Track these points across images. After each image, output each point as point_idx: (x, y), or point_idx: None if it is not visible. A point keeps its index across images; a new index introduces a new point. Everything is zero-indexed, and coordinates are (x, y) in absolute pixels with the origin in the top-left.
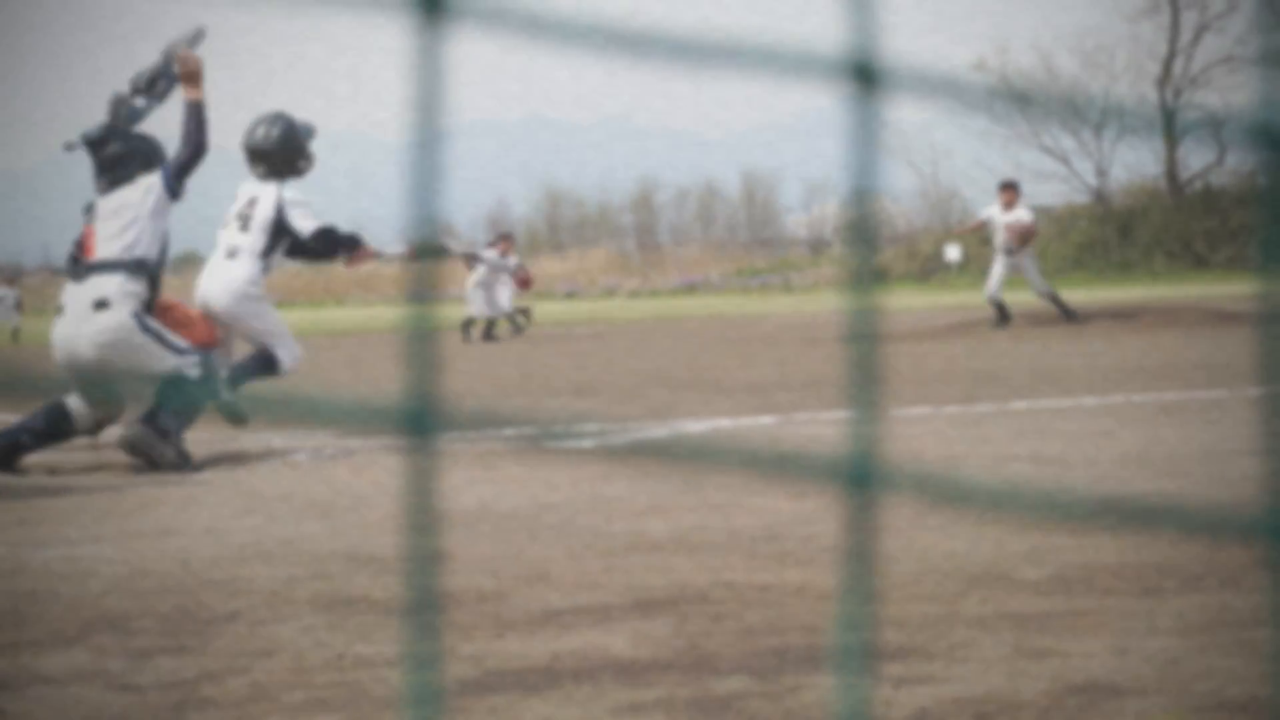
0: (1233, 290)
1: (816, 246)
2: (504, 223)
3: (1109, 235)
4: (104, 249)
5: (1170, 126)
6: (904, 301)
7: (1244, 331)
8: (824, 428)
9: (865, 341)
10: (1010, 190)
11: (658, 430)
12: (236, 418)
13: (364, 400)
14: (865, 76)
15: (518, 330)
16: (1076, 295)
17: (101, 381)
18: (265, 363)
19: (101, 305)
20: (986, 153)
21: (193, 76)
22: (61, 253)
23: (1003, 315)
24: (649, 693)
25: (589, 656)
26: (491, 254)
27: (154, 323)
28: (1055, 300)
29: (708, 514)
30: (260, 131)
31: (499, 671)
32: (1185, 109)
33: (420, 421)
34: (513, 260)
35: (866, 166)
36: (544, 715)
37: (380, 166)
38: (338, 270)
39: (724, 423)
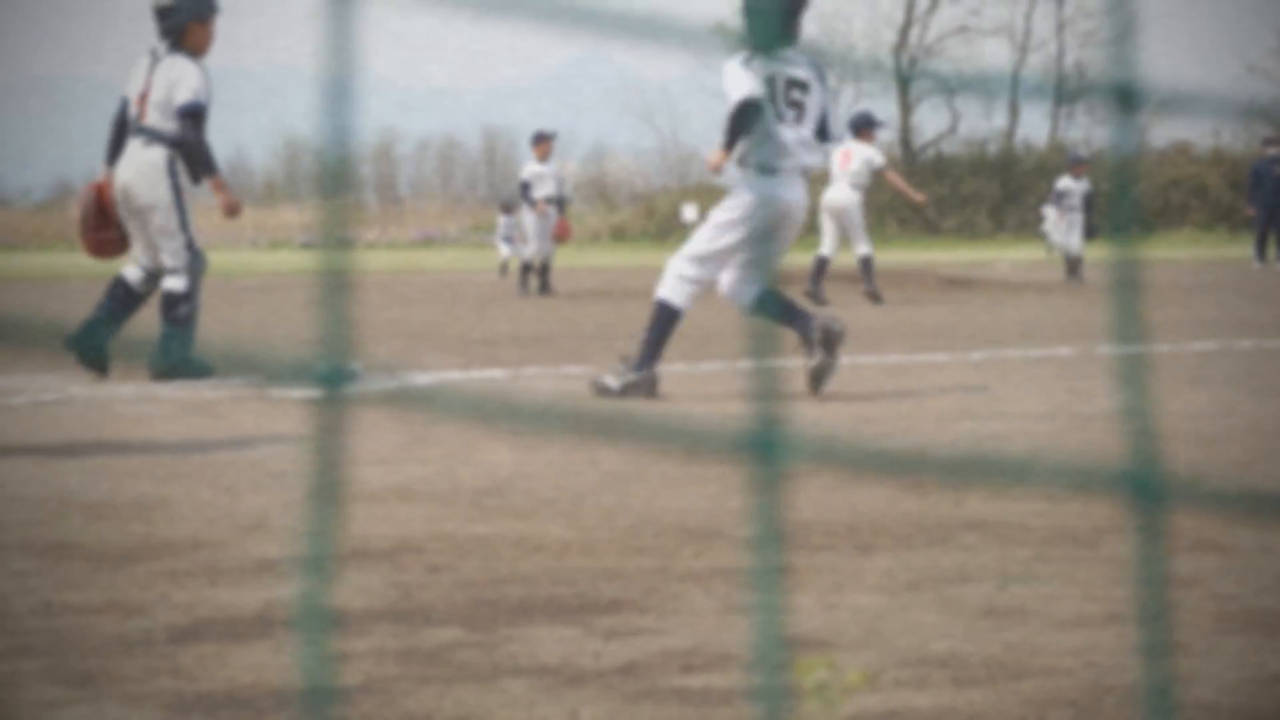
0: (960, 257)
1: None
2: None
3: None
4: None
5: (905, 94)
6: (640, 259)
7: (969, 298)
8: (551, 382)
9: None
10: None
11: (386, 382)
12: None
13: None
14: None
15: None
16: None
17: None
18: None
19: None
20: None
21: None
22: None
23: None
24: (360, 642)
25: (302, 605)
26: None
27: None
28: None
29: (430, 466)
30: None
31: (210, 620)
32: (919, 77)
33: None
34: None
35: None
36: (252, 664)
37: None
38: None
39: (453, 375)
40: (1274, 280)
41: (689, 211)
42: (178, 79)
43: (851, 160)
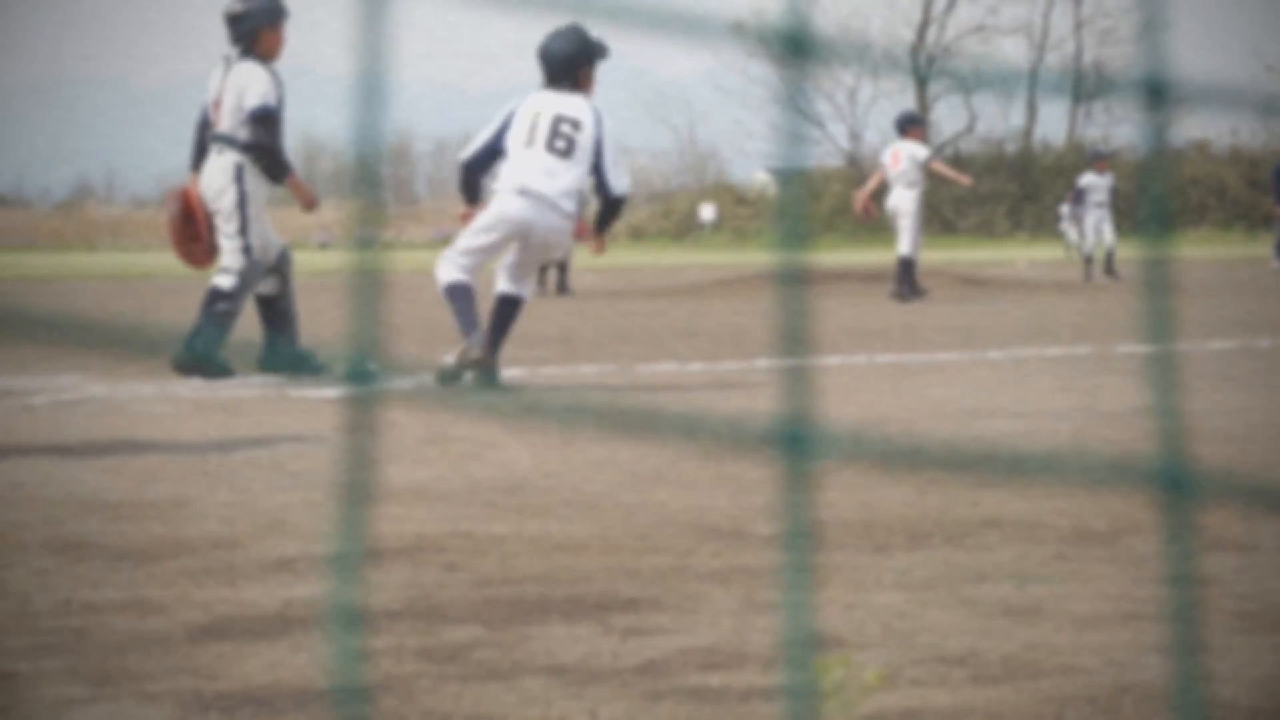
0: (978, 256)
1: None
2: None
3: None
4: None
5: (923, 93)
6: (659, 259)
7: (987, 297)
8: (568, 382)
9: (796, 295)
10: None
11: (402, 383)
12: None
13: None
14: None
15: None
16: (827, 257)
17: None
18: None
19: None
20: (743, 114)
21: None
22: None
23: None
24: (379, 640)
25: (320, 604)
26: None
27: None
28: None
29: (448, 465)
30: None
31: (229, 618)
32: (937, 76)
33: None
34: None
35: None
36: (271, 662)
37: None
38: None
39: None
40: None
41: (706, 211)
42: (246, 84)
43: (900, 160)
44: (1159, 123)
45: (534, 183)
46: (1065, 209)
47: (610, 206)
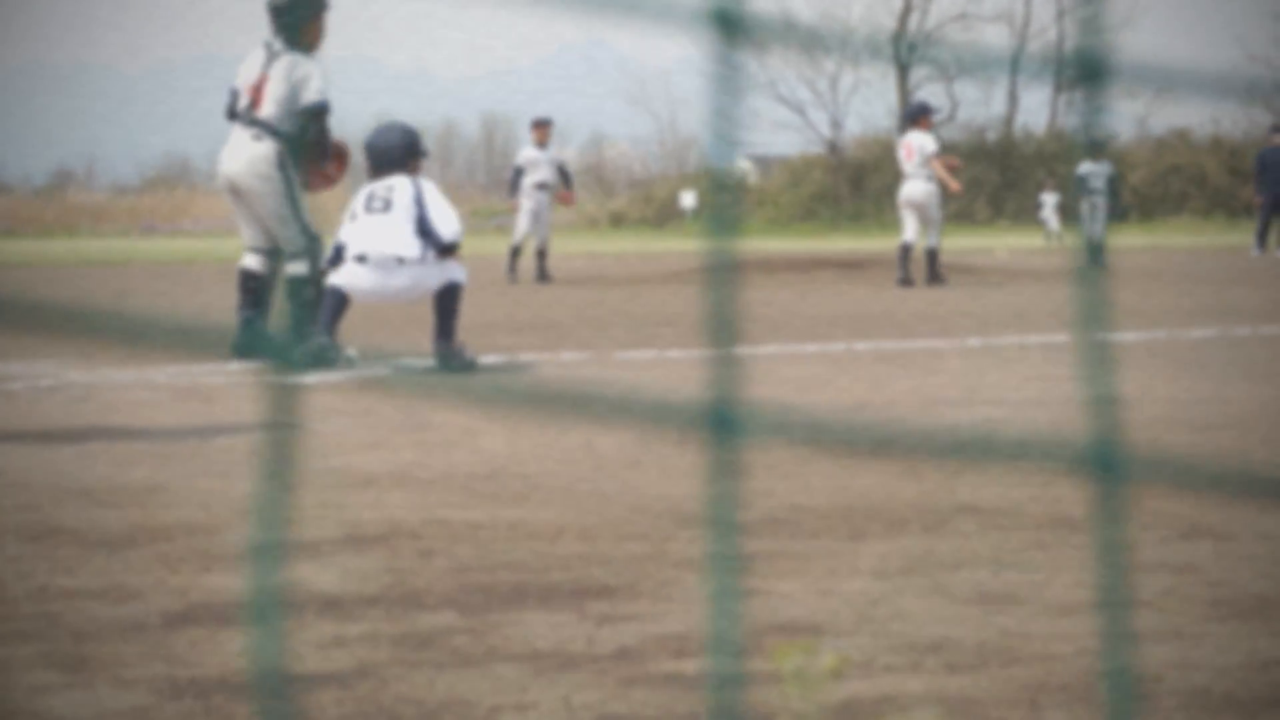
0: (958, 243)
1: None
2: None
3: (841, 186)
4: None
5: (904, 80)
6: (640, 246)
7: (967, 284)
8: (549, 369)
9: (724, 283)
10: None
11: (379, 370)
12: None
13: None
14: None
15: None
16: (807, 244)
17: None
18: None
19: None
20: (723, 100)
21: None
22: None
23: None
24: (354, 627)
25: (296, 590)
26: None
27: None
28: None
29: (427, 451)
30: None
31: (203, 605)
32: (919, 64)
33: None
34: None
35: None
36: (245, 649)
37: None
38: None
39: None
40: (1272, 268)
41: (687, 198)
42: (303, 78)
43: (913, 153)
44: (1095, 105)
45: (369, 247)
46: (1045, 197)
47: (445, 253)
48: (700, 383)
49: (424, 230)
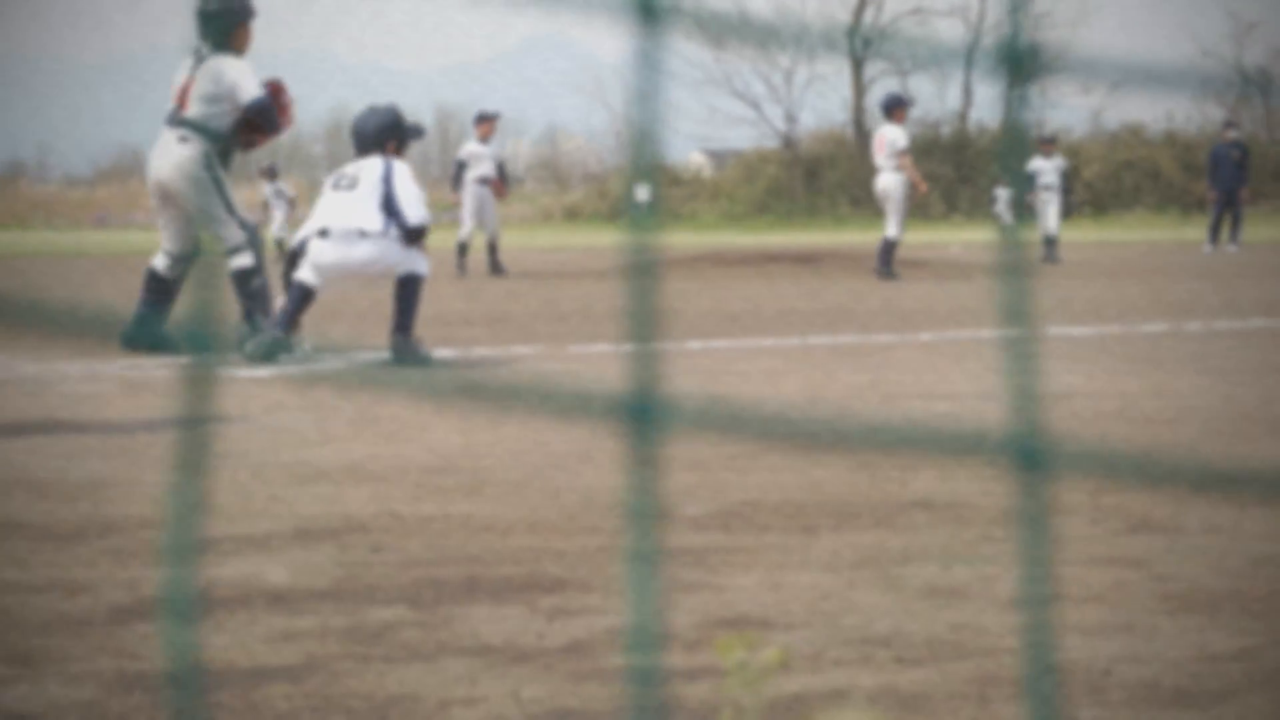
0: (912, 238)
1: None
2: None
3: (796, 180)
4: None
5: (859, 75)
6: (593, 240)
7: (920, 279)
8: (497, 363)
9: (643, 276)
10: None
11: (334, 363)
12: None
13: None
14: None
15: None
16: (762, 239)
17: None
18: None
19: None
20: (679, 94)
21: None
22: None
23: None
24: (304, 621)
25: (245, 585)
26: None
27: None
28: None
29: (379, 445)
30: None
31: (152, 599)
32: (874, 58)
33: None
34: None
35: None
36: (194, 643)
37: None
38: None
39: None
40: (1225, 263)
41: (642, 192)
42: (236, 79)
43: (884, 145)
44: (1018, 96)
45: (332, 221)
46: (999, 192)
47: (410, 236)
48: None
49: (389, 209)
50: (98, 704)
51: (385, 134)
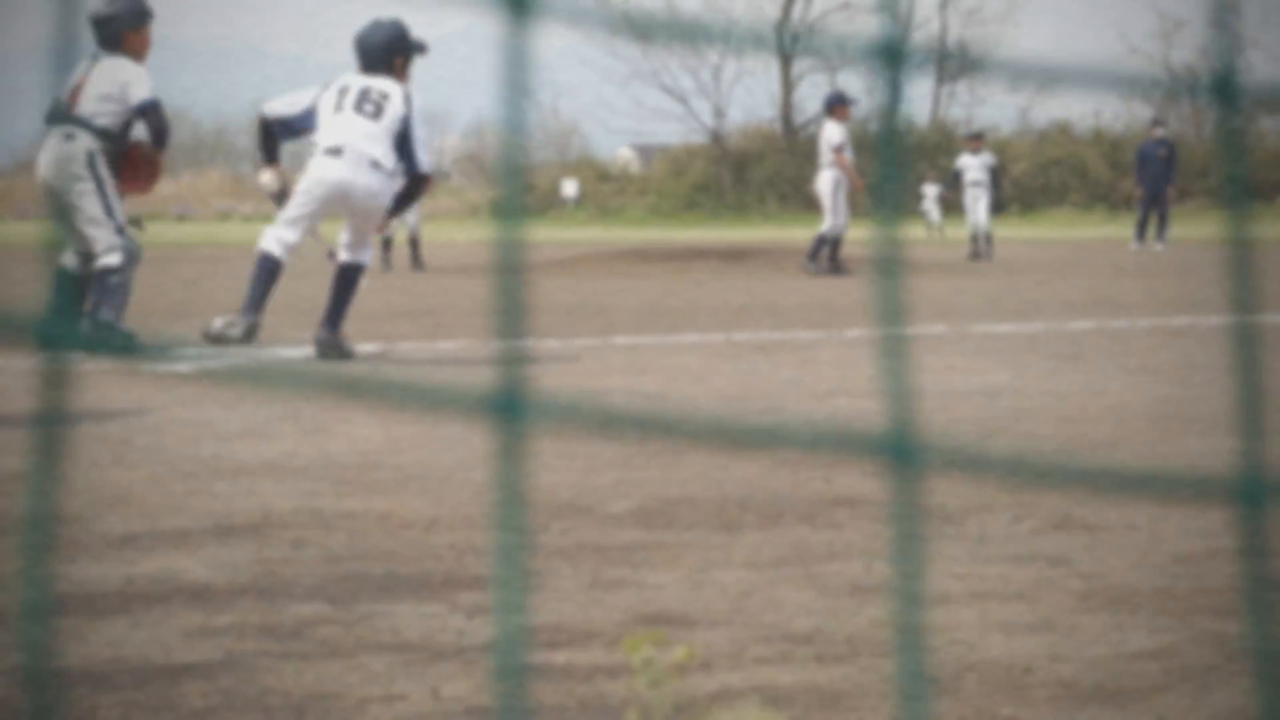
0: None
1: (435, 177)
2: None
3: (724, 176)
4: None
5: (787, 71)
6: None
7: (846, 275)
8: (425, 357)
9: (512, 274)
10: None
11: (257, 355)
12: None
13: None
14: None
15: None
16: (690, 234)
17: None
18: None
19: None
20: (606, 89)
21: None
22: None
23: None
24: (221, 617)
25: (163, 580)
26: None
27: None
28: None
29: (301, 440)
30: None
31: (69, 595)
32: (802, 54)
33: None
34: None
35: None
36: (110, 639)
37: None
38: None
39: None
40: (1150, 261)
41: (569, 187)
42: (130, 79)
43: (821, 141)
44: (894, 91)
45: (348, 141)
46: (926, 188)
47: (414, 183)
48: (565, 371)
49: (403, 151)
50: (9, 701)
51: (394, 50)
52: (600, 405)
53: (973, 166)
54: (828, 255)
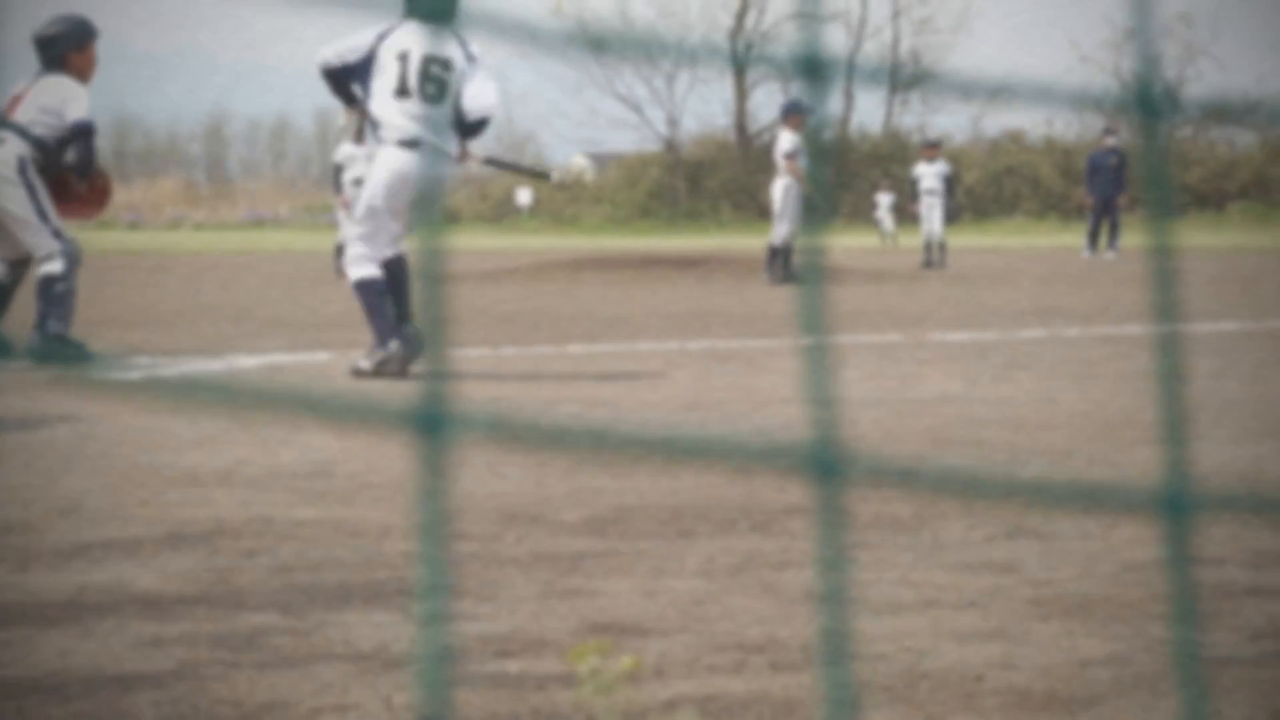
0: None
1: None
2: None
3: (678, 184)
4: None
5: (741, 79)
6: (474, 243)
7: (799, 284)
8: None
9: (434, 283)
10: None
11: (211, 364)
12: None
13: None
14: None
15: None
16: (644, 243)
17: None
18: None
19: None
20: (561, 97)
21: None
22: None
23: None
24: (173, 627)
25: (115, 590)
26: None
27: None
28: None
29: (253, 449)
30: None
31: (19, 605)
32: (756, 63)
33: None
34: None
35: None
36: (61, 649)
37: None
38: None
39: (280, 358)
40: (1103, 270)
41: (523, 195)
42: (69, 97)
43: (775, 149)
44: (821, 107)
45: (419, 133)
46: (880, 197)
47: (465, 130)
48: (519, 379)
49: (458, 121)
50: None
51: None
52: (524, 419)
53: (928, 175)
54: (781, 264)
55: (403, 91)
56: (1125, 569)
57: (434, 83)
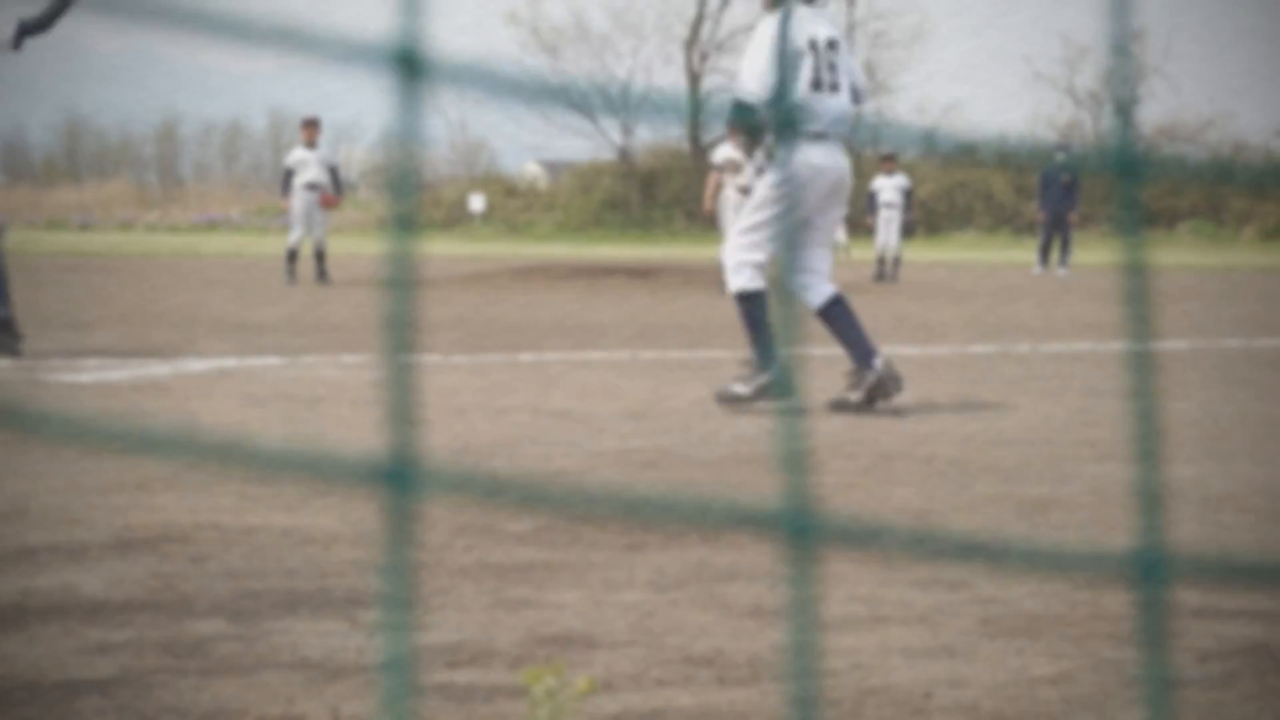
0: None
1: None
2: (19, 150)
3: (631, 193)
4: None
5: (695, 89)
6: (427, 249)
7: None
8: (330, 371)
9: (401, 288)
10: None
11: (160, 368)
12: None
13: None
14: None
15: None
16: (597, 251)
17: None
18: None
19: None
20: (514, 104)
21: None
22: None
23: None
24: (119, 633)
25: (60, 595)
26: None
27: None
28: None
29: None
30: None
31: None
32: (710, 73)
33: None
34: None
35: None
36: (5, 655)
37: None
38: None
39: (228, 363)
40: (1054, 285)
41: (476, 201)
42: None
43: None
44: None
45: (833, 128)
46: None
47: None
48: (471, 389)
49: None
50: None
51: None
52: (491, 477)
53: (887, 188)
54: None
55: (817, 84)
56: (1074, 587)
57: (830, 71)
